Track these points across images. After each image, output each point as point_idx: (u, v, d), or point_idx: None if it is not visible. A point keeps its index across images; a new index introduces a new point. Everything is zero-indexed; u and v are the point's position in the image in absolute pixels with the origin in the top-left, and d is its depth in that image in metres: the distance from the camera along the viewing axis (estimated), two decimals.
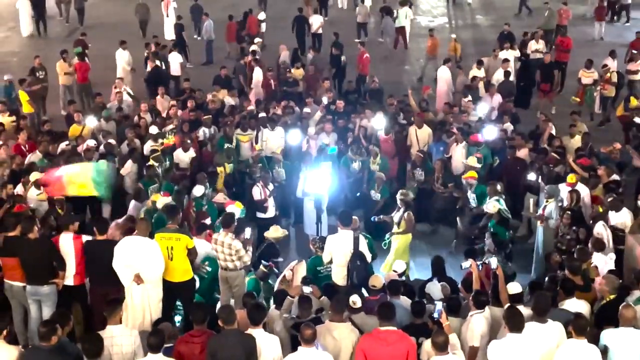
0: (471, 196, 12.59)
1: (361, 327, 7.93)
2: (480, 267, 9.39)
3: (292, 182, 13.52)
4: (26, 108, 17.24)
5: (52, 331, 7.12)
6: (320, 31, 24.29)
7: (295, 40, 23.67)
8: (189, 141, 14.14)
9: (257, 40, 22.02)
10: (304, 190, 12.82)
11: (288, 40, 22.81)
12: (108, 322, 7.60)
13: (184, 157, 13.90)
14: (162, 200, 11.38)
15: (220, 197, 12.36)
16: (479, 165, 13.05)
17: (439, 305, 7.92)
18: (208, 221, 11.17)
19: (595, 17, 25.99)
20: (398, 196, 12.03)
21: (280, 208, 13.20)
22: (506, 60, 18.70)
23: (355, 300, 8.25)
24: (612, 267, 9.80)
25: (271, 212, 12.64)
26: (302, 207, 13.22)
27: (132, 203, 12.03)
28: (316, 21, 24.53)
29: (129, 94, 17.51)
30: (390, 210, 12.41)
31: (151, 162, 13.12)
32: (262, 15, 25.36)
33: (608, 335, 7.46)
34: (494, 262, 9.11)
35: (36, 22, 26.99)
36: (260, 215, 12.65)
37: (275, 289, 9.85)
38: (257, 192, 12.65)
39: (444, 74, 18.72)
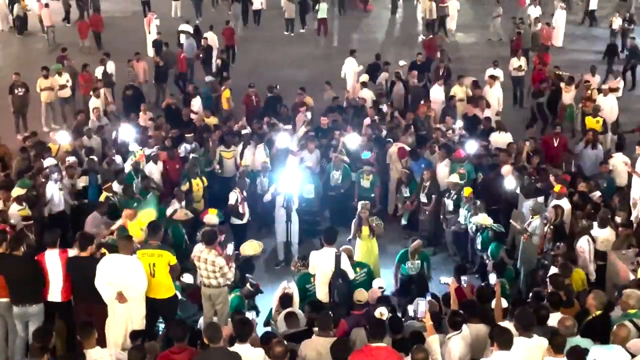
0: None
1: None
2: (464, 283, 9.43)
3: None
4: (225, 105, 18.55)
5: (44, 349, 7.04)
6: (260, 7, 30.08)
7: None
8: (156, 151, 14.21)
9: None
10: (275, 190, 12.96)
11: None
12: (84, 347, 7.45)
13: (153, 169, 13.87)
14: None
15: (181, 214, 12.13)
16: (461, 182, 13.08)
17: (422, 305, 7.92)
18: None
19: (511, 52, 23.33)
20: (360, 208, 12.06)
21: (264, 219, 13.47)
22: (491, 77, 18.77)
23: (382, 312, 8.22)
24: None
25: (246, 218, 12.87)
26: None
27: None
28: (256, 1, 29.93)
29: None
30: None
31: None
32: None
33: (596, 353, 7.29)
34: (492, 277, 9.14)
35: None
36: (235, 221, 12.76)
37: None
38: (233, 198, 12.73)
39: (437, 94, 18.60)
